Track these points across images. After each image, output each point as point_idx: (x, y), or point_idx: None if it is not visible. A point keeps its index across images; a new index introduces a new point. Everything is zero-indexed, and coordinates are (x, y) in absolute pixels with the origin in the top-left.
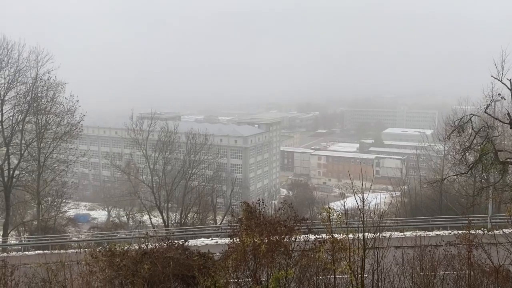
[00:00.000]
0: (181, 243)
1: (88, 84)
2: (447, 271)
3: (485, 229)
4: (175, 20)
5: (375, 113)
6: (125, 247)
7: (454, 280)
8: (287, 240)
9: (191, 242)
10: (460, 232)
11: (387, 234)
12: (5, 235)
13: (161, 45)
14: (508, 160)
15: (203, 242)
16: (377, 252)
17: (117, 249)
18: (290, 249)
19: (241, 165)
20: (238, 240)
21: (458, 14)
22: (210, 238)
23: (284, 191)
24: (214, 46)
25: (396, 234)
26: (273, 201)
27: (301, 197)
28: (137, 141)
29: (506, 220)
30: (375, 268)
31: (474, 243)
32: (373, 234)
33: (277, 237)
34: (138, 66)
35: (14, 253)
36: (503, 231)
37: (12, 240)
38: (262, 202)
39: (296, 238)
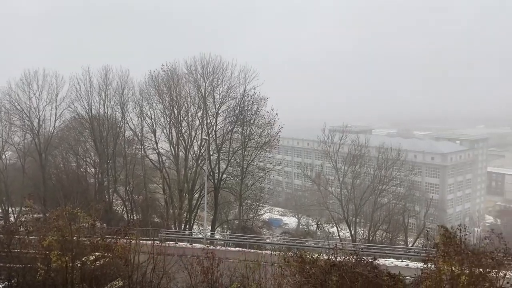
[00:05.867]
0: (369, 260)
1: (283, 95)
2: None
3: None
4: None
5: None
6: (315, 256)
7: None
8: (494, 275)
9: (379, 261)
10: None
11: None
12: (212, 230)
13: (356, 58)
14: None
15: (392, 262)
16: None
17: (307, 256)
18: (498, 285)
19: (438, 185)
20: (433, 266)
21: None
22: (400, 260)
23: (490, 218)
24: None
25: None
26: (476, 229)
27: None
28: (327, 153)
29: None
30: None
31: None
32: None
33: (481, 270)
34: (331, 77)
35: (219, 247)
36: None
37: (217, 235)
38: (464, 228)
39: (506, 274)
